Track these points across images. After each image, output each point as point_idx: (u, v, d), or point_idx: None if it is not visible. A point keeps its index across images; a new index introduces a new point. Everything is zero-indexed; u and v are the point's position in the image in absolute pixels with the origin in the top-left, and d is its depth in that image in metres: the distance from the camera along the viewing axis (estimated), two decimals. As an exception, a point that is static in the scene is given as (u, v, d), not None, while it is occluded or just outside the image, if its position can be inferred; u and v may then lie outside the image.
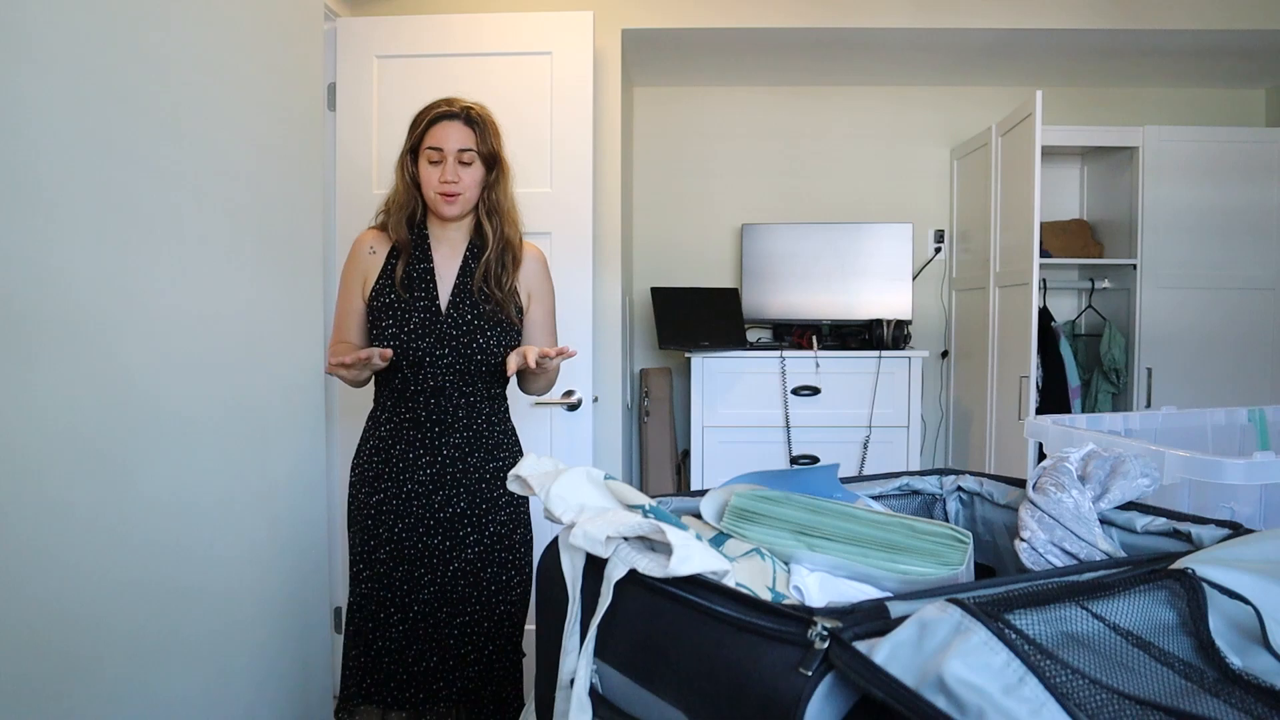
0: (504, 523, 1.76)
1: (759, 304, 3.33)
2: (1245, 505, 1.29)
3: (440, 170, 1.70)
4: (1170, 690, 0.58)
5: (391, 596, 1.72)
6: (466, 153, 1.70)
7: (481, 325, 1.73)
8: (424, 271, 1.75)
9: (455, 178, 1.69)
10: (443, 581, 1.73)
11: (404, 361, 1.70)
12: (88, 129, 1.17)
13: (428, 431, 1.72)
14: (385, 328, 1.71)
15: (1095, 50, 3.09)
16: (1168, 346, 3.28)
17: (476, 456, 1.74)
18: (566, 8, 2.56)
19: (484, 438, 1.76)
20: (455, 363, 1.71)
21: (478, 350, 1.72)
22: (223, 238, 1.51)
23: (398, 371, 1.72)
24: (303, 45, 1.78)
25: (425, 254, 1.76)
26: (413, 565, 1.72)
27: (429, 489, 1.73)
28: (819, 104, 3.58)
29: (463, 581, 1.73)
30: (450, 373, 1.71)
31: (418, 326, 1.71)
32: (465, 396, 1.73)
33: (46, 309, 1.11)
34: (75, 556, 1.15)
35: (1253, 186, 3.28)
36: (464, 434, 1.74)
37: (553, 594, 0.91)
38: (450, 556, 1.73)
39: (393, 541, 1.73)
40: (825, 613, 0.63)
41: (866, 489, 1.21)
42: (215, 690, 1.49)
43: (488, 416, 1.76)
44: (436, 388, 1.72)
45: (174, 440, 1.38)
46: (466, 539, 1.73)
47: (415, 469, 1.73)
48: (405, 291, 1.73)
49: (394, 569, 1.72)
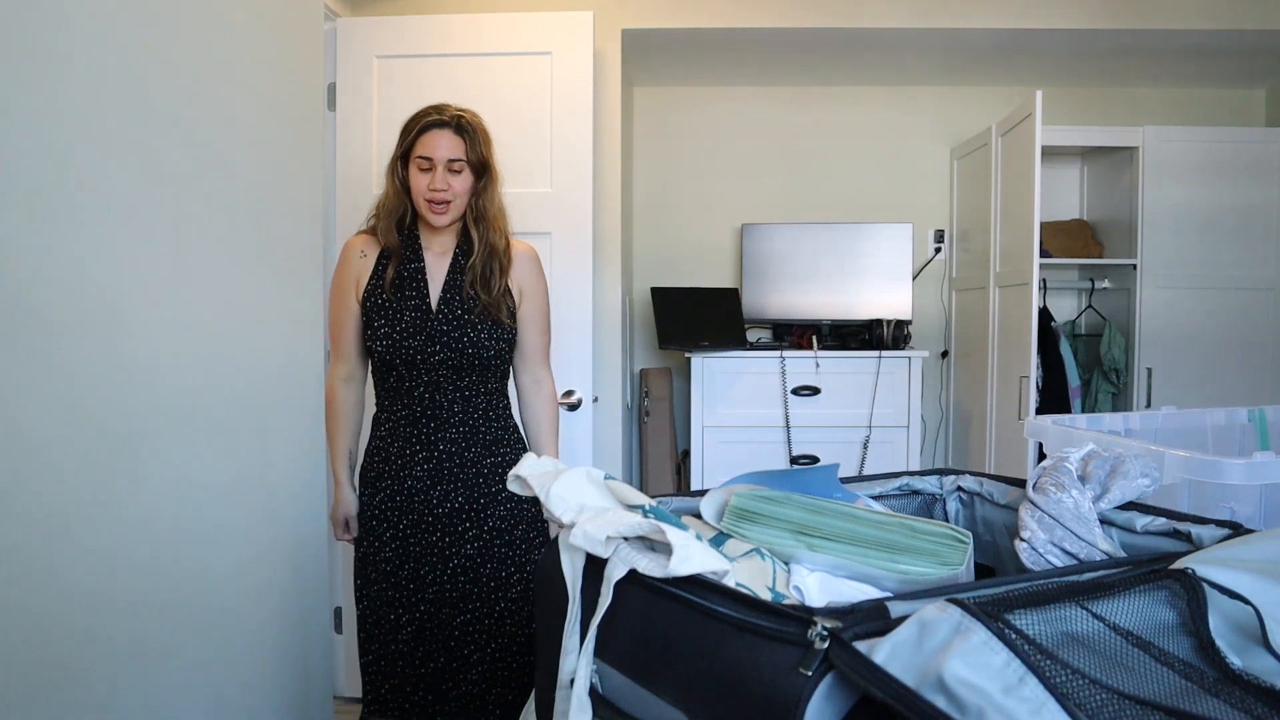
0: (503, 518, 1.77)
1: (759, 304, 3.33)
2: (1245, 505, 1.29)
3: (430, 178, 1.71)
4: (1170, 690, 0.58)
5: (399, 597, 1.73)
6: (456, 162, 1.72)
7: (472, 320, 1.74)
8: (415, 272, 1.77)
9: (444, 186, 1.71)
10: (444, 580, 1.74)
11: (398, 360, 1.73)
12: (89, 129, 1.17)
13: (424, 427, 1.74)
14: (378, 327, 1.73)
15: (1095, 50, 3.09)
16: (1168, 346, 3.28)
17: (474, 451, 1.75)
18: (566, 8, 2.56)
19: (481, 432, 1.77)
20: (448, 359, 1.72)
21: (469, 345, 1.73)
22: (222, 237, 1.51)
23: (392, 370, 1.74)
24: (303, 45, 1.78)
25: (416, 255, 1.78)
26: (417, 563, 1.74)
27: (426, 484, 1.74)
28: (819, 104, 3.58)
29: (463, 578, 1.74)
30: (444, 368, 1.73)
31: (409, 325, 1.72)
32: (460, 391, 1.75)
33: (46, 309, 1.11)
34: (74, 557, 1.15)
35: (1253, 186, 3.28)
36: (460, 429, 1.75)
37: (553, 594, 0.91)
38: (450, 553, 1.74)
39: (397, 540, 1.74)
40: (825, 613, 0.63)
41: (866, 489, 1.21)
42: (215, 690, 1.49)
43: (484, 411, 1.78)
44: (431, 383, 1.73)
45: (173, 440, 1.38)
46: (465, 534, 1.75)
47: (413, 464, 1.74)
48: (396, 292, 1.75)
49: (399, 568, 1.74)
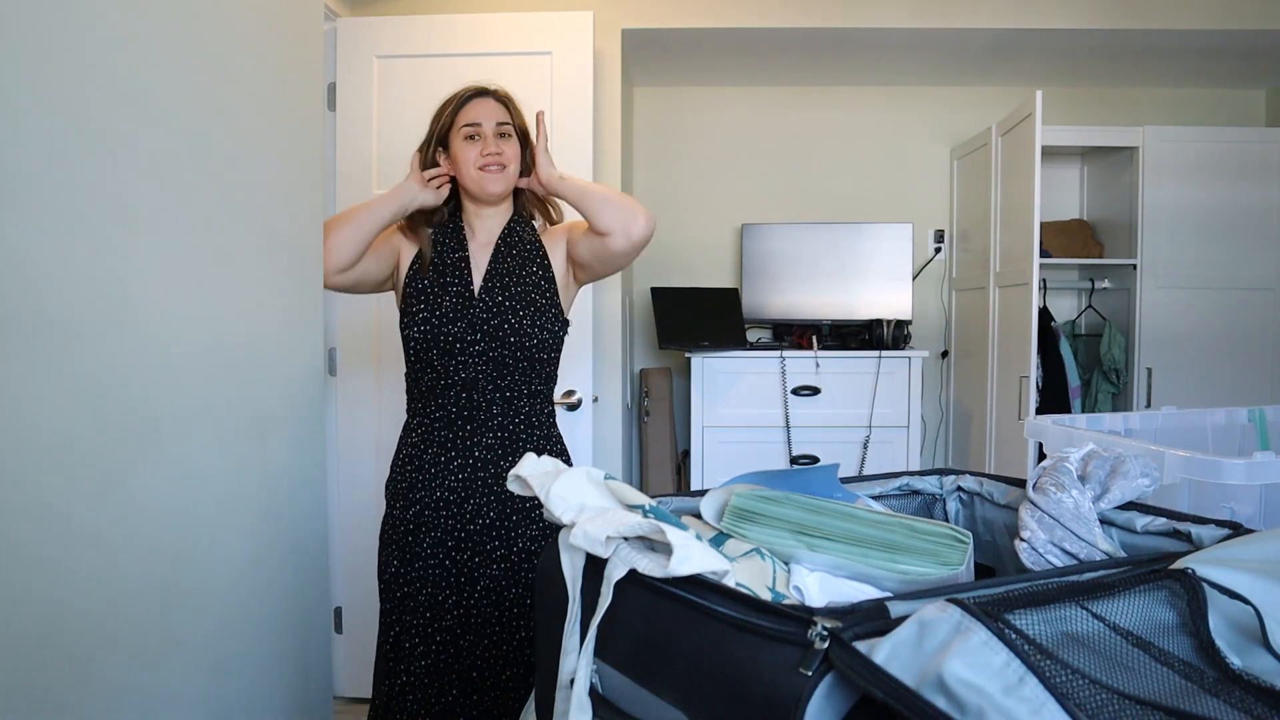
0: (534, 538, 1.61)
1: (759, 304, 3.33)
2: (1245, 505, 1.29)
3: (480, 144, 1.63)
4: (1170, 690, 0.58)
5: (415, 623, 1.59)
6: (504, 125, 1.64)
7: (514, 306, 1.63)
8: (458, 260, 1.68)
9: (498, 150, 1.63)
10: (468, 605, 1.59)
11: (435, 350, 1.61)
12: (85, 129, 1.17)
13: (459, 430, 1.61)
14: (415, 313, 1.63)
15: (1095, 50, 3.09)
16: (1168, 346, 3.28)
17: (510, 461, 1.59)
18: (566, 8, 2.57)
19: (521, 440, 1.62)
20: (489, 349, 1.60)
21: (511, 333, 1.61)
22: (222, 237, 1.51)
23: (429, 368, 1.63)
24: (303, 45, 1.78)
25: (460, 244, 1.69)
26: (436, 587, 1.59)
27: (460, 496, 1.60)
28: (819, 104, 3.58)
29: (486, 602, 1.59)
30: (483, 361, 1.60)
31: (449, 310, 1.62)
32: (500, 391, 1.61)
33: (48, 311, 1.11)
34: (73, 558, 1.15)
35: (1253, 186, 3.28)
36: (498, 434, 1.61)
37: (553, 594, 0.91)
38: (477, 575, 1.59)
39: (419, 559, 1.60)
40: (825, 613, 0.63)
41: (866, 489, 1.21)
42: (215, 691, 1.49)
43: (526, 416, 1.64)
44: (469, 380, 1.60)
45: (173, 440, 1.38)
46: (493, 554, 1.60)
47: (446, 474, 1.60)
48: (438, 277, 1.66)
49: (419, 591, 1.60)
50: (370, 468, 2.56)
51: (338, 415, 2.59)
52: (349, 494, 2.60)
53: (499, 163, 1.63)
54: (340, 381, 2.60)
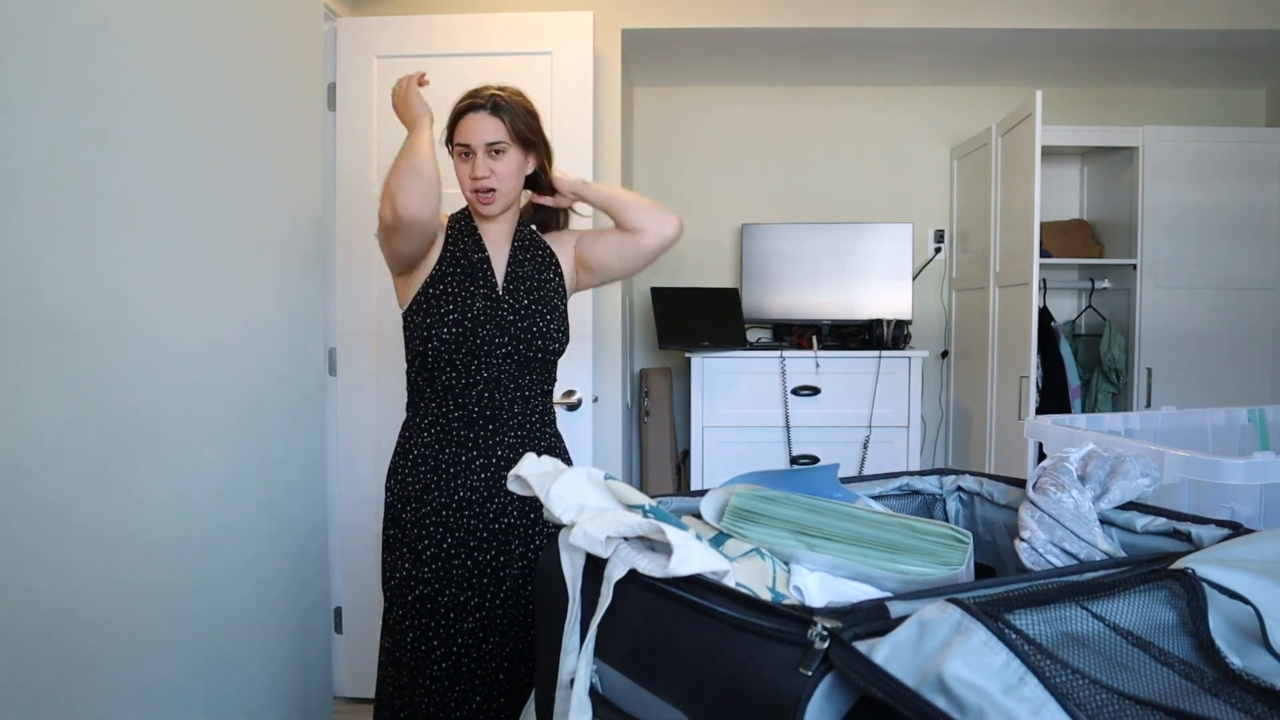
0: (550, 535, 1.60)
1: (759, 304, 3.33)
2: (1245, 505, 1.29)
3: (471, 166, 1.61)
4: (1170, 690, 0.58)
5: (434, 626, 1.55)
6: (496, 144, 1.60)
7: (539, 309, 1.65)
8: (480, 262, 1.66)
9: (486, 173, 1.60)
10: (491, 606, 1.56)
11: (460, 352, 1.59)
12: (85, 130, 1.17)
13: (481, 430, 1.60)
14: (445, 314, 1.60)
15: (1095, 50, 3.09)
16: (1168, 346, 3.28)
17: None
18: (566, 8, 2.56)
19: (538, 438, 1.65)
20: (514, 351, 1.61)
21: (538, 335, 1.63)
22: (223, 237, 1.51)
23: (449, 366, 1.60)
24: (303, 45, 1.78)
25: (478, 245, 1.68)
26: (459, 588, 1.56)
27: (484, 495, 1.58)
28: (819, 104, 3.58)
29: (511, 603, 1.57)
30: (507, 362, 1.61)
31: (480, 313, 1.61)
32: (520, 391, 1.63)
33: (48, 311, 1.11)
34: (75, 558, 1.15)
35: (1253, 186, 3.28)
36: (519, 432, 1.62)
37: (553, 594, 0.91)
38: (502, 575, 1.58)
39: (438, 560, 1.57)
40: (825, 613, 0.63)
41: (866, 489, 1.21)
42: (215, 690, 1.49)
43: (541, 415, 1.67)
44: (491, 380, 1.60)
45: (174, 440, 1.38)
46: (514, 553, 1.59)
47: (468, 473, 1.59)
48: (466, 281, 1.64)
49: (439, 593, 1.56)
50: (370, 468, 2.56)
51: (337, 415, 2.59)
52: (349, 494, 2.60)
53: (487, 187, 1.62)
54: (340, 381, 2.60)
